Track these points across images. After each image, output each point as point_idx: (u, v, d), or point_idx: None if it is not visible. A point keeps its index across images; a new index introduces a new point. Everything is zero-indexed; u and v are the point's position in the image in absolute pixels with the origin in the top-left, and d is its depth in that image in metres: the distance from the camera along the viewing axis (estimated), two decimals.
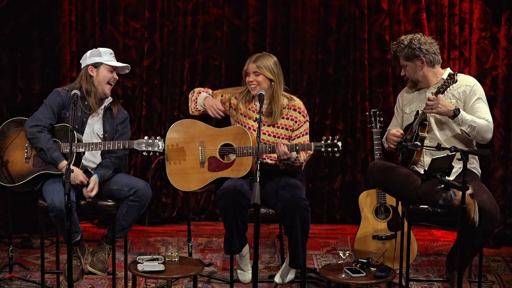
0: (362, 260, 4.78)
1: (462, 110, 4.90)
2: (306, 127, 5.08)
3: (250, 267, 5.07)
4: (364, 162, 6.63)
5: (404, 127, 5.16)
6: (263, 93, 4.90)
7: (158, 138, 4.99)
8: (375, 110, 5.44)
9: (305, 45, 6.54)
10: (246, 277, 5.08)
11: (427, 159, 4.90)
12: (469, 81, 5.02)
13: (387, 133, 5.19)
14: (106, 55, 5.13)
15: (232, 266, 5.06)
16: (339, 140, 4.77)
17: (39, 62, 6.33)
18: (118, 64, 5.15)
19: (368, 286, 4.72)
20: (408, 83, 5.18)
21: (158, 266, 4.69)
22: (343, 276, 4.66)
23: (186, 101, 6.60)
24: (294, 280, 5.09)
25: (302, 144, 4.83)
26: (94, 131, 5.10)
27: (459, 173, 4.84)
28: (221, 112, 5.03)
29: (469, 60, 6.35)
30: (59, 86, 5.31)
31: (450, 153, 4.58)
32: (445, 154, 4.64)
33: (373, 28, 6.50)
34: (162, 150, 4.97)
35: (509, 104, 6.24)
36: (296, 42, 6.53)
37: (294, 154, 4.88)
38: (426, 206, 4.89)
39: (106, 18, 6.48)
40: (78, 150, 4.94)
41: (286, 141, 5.02)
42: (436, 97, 4.85)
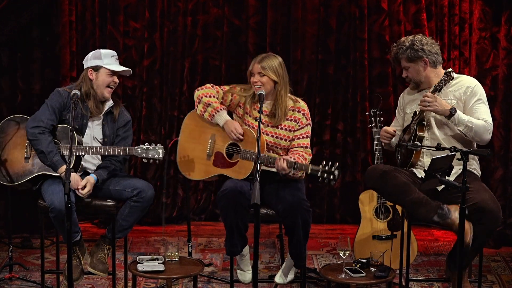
0: (362, 260, 4.78)
1: (462, 111, 4.90)
2: (308, 130, 5.05)
3: (250, 267, 5.07)
4: (364, 162, 6.63)
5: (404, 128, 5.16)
6: (263, 93, 4.90)
7: (159, 145, 4.95)
8: (375, 110, 5.44)
9: (305, 45, 6.54)
10: (246, 277, 5.08)
11: (427, 160, 4.89)
12: (470, 82, 5.00)
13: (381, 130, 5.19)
14: (107, 58, 5.04)
15: (232, 266, 5.06)
16: (337, 168, 4.70)
17: (39, 62, 6.32)
18: (118, 68, 5.06)
19: (368, 286, 4.72)
20: (410, 85, 5.15)
21: (158, 266, 4.68)
22: (343, 276, 4.66)
23: (186, 101, 6.62)
24: (294, 280, 5.09)
25: (300, 163, 4.78)
26: (93, 135, 5.05)
27: (459, 174, 4.84)
28: (241, 137, 4.97)
29: (469, 60, 6.35)
30: (59, 86, 5.29)
31: (450, 153, 4.58)
32: (445, 154, 4.63)
33: (373, 28, 6.50)
34: (162, 158, 4.94)
35: (509, 104, 6.24)
36: (296, 42, 6.52)
37: (294, 171, 4.83)
38: None
39: (106, 18, 6.47)
40: (77, 154, 4.89)
41: (286, 142, 5.02)
42: (433, 95, 4.85)
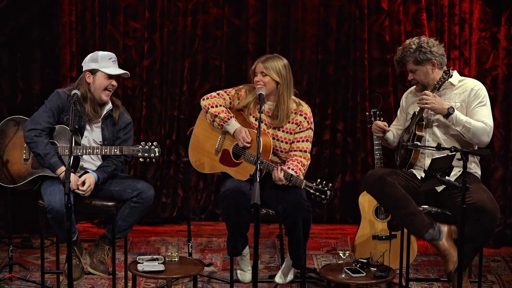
0: (362, 260, 4.78)
1: (465, 113, 4.90)
2: (308, 134, 5.02)
3: (250, 267, 5.07)
4: (364, 162, 6.63)
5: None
6: (263, 93, 4.89)
7: (155, 144, 4.94)
8: (375, 110, 5.43)
9: (305, 45, 6.54)
10: (246, 277, 5.08)
11: (428, 161, 4.88)
12: (474, 84, 4.98)
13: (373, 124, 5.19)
14: (104, 61, 4.96)
15: (232, 266, 5.06)
16: (331, 189, 4.72)
17: (39, 62, 6.32)
18: (115, 72, 4.98)
19: (368, 286, 4.72)
20: (416, 87, 5.12)
21: (158, 266, 4.68)
22: (343, 276, 4.66)
23: (186, 101, 6.62)
24: (294, 280, 5.09)
25: (296, 177, 4.77)
26: (93, 138, 5.01)
27: (458, 176, 4.84)
28: (248, 145, 4.95)
29: (469, 60, 6.35)
30: (59, 86, 5.28)
31: (450, 153, 4.58)
32: (445, 154, 4.63)
33: (373, 28, 6.49)
34: (158, 157, 4.94)
35: (509, 104, 6.24)
36: (296, 42, 6.52)
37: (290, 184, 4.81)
38: (427, 207, 4.91)
39: (106, 18, 6.47)
40: (75, 154, 4.87)
41: (286, 145, 5.01)
42: (431, 93, 4.85)
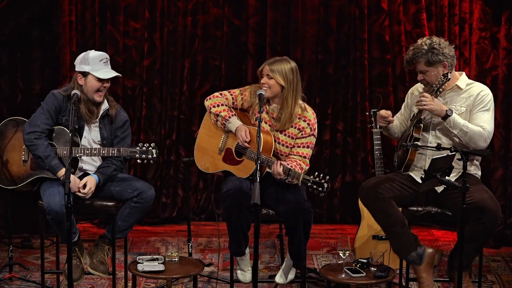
0: (362, 260, 4.78)
1: (468, 118, 4.89)
2: (310, 141, 4.99)
3: (250, 267, 5.07)
4: (364, 162, 6.63)
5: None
6: (263, 93, 4.88)
7: (153, 145, 4.94)
8: (375, 110, 5.44)
9: (305, 45, 6.54)
10: (246, 277, 5.08)
11: (429, 162, 4.87)
12: (481, 89, 4.96)
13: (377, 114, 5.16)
14: (95, 63, 4.91)
15: (232, 266, 5.06)
16: (328, 181, 4.71)
17: (39, 62, 6.32)
18: (105, 75, 4.92)
19: (368, 286, 4.72)
20: (425, 87, 5.09)
21: (158, 266, 4.68)
22: (343, 276, 4.66)
23: (186, 101, 6.62)
24: (294, 280, 5.09)
25: (294, 171, 4.76)
26: (92, 138, 5.01)
27: (458, 177, 4.84)
28: (246, 144, 4.94)
29: (469, 60, 6.35)
30: (59, 86, 5.28)
31: (450, 153, 4.58)
32: (445, 154, 4.63)
33: (373, 28, 6.49)
34: (156, 159, 4.95)
35: (509, 104, 6.24)
36: (296, 42, 6.52)
37: (289, 178, 4.81)
38: (426, 207, 4.92)
39: (106, 18, 6.47)
40: (74, 155, 4.87)
41: (286, 149, 4.99)
42: (429, 95, 4.85)
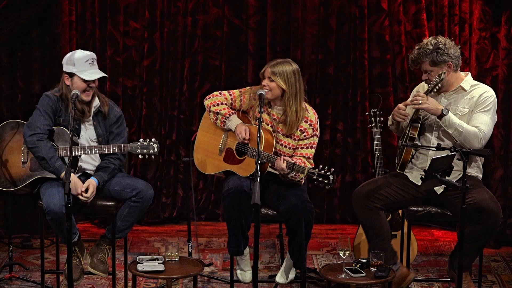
0: (362, 260, 4.78)
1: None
2: (313, 141, 4.99)
3: (250, 267, 5.07)
4: (364, 162, 6.63)
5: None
6: (263, 93, 4.88)
7: (153, 140, 4.95)
8: (375, 110, 5.44)
9: (305, 45, 6.53)
10: (246, 277, 5.08)
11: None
12: (484, 91, 4.97)
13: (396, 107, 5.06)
14: (80, 64, 4.89)
15: (232, 266, 5.06)
16: (333, 173, 4.70)
17: (39, 62, 6.32)
18: (90, 77, 4.90)
19: (368, 286, 4.72)
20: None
21: (158, 266, 4.68)
22: (343, 276, 4.66)
23: (186, 101, 6.62)
24: (294, 280, 5.09)
25: (298, 165, 4.76)
26: (88, 137, 5.02)
27: (458, 179, 4.83)
28: (246, 141, 4.94)
29: (469, 60, 6.34)
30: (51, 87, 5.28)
31: (450, 153, 4.58)
32: (445, 154, 4.63)
33: (373, 28, 6.49)
34: (157, 153, 4.96)
35: (509, 104, 6.23)
36: (296, 42, 6.52)
37: (293, 173, 4.81)
38: (426, 207, 4.93)
39: (106, 18, 6.47)
40: (74, 154, 4.88)
41: (289, 150, 4.99)
42: (424, 94, 4.84)
